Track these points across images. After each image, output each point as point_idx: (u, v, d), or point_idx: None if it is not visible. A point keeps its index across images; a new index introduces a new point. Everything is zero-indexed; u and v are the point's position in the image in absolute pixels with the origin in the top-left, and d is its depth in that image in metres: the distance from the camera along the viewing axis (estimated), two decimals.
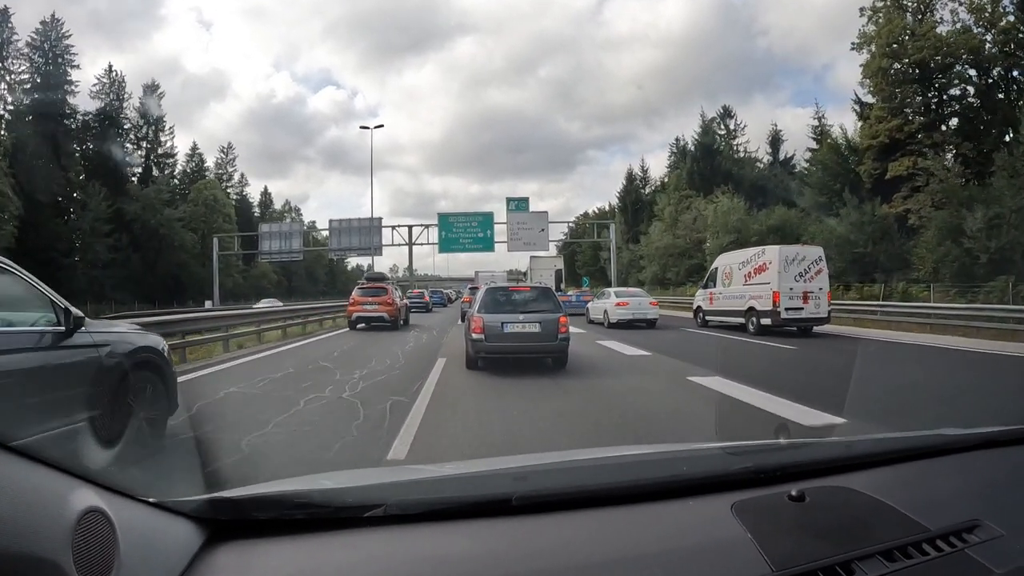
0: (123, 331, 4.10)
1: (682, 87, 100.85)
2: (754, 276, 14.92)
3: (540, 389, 6.83)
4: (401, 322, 17.67)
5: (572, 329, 8.75)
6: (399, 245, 37.69)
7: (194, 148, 60.73)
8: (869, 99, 32.44)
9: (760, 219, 34.56)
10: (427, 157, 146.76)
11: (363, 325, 16.59)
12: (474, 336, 8.08)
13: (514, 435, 4.79)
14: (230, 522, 0.98)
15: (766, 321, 14.08)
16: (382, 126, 36.23)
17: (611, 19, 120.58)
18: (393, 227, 38.09)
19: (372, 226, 37.46)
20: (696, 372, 7.98)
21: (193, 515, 0.96)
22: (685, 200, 42.12)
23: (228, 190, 63.71)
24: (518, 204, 36.77)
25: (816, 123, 42.86)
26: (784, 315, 13.78)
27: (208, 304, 41.03)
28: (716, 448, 1.48)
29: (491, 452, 3.97)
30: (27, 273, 3.24)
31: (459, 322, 17.39)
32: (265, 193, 74.97)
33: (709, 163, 44.43)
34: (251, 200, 68.97)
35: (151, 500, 0.93)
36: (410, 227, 37.89)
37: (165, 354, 4.33)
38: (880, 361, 9.70)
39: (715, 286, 16.93)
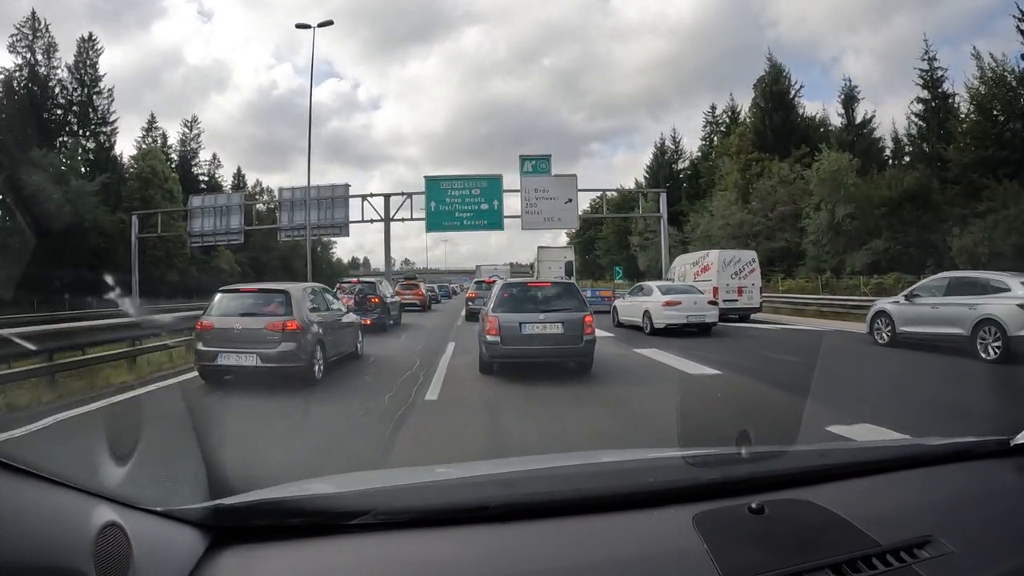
0: (396, 298, 17.38)
1: (688, 78, 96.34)
2: (701, 274, 17.46)
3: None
4: (429, 306, 26.26)
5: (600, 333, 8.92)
6: (374, 222, 27.52)
7: (151, 121, 50.84)
8: None
9: (888, 183, 24.08)
10: (429, 148, 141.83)
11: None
12: (489, 338, 7.43)
13: None
14: (232, 528, 1.04)
15: None
16: (331, 22, 24.49)
17: (620, 7, 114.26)
18: (364, 197, 27.69)
19: (335, 196, 27.16)
20: None
21: (197, 522, 1.02)
22: (755, 164, 31.67)
23: (194, 171, 54.33)
24: (536, 164, 26.28)
25: (925, 67, 32.57)
26: (722, 305, 15.59)
27: (126, 303, 31.03)
28: (683, 457, 1.48)
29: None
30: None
31: (463, 315, 18.71)
32: (238, 175, 64.91)
33: (784, 117, 33.95)
34: (223, 183, 59.74)
35: (158, 510, 0.98)
36: (387, 196, 27.54)
37: (396, 308, 16.25)
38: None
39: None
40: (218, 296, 7.72)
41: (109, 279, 34.18)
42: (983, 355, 8.84)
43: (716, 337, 12.98)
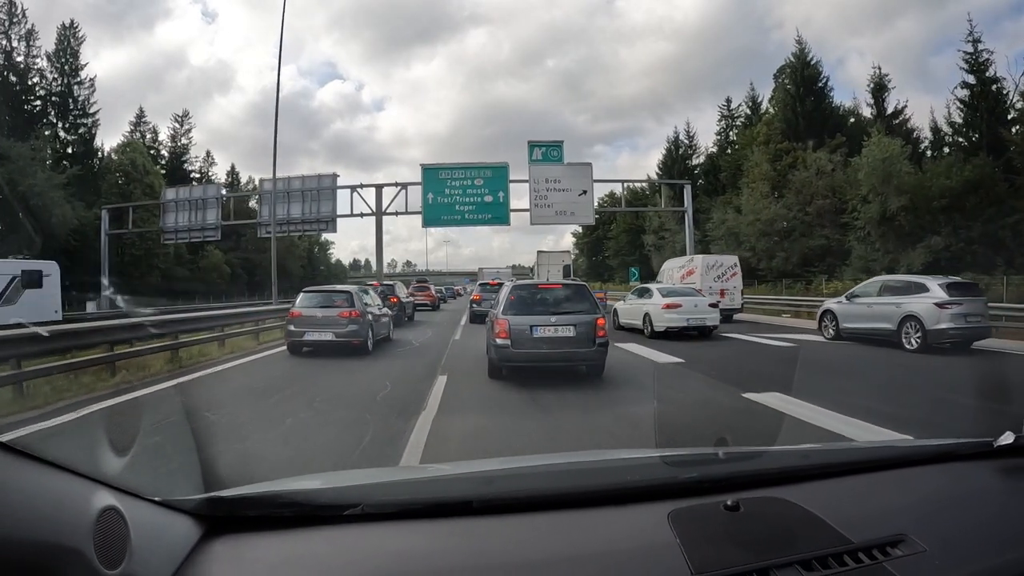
0: (410, 299, 20.57)
1: (691, 81, 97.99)
2: (686, 278, 18.43)
3: None
4: (438, 306, 27.81)
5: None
6: (364, 216, 24.73)
7: (140, 115, 48.32)
8: None
9: (947, 172, 21.21)
10: (432, 150, 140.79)
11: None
12: (498, 342, 7.18)
13: None
14: (225, 518, 1.08)
15: None
16: None
17: (625, 10, 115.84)
18: (353, 188, 24.94)
19: (322, 188, 24.41)
20: None
21: (193, 512, 1.06)
22: (786, 155, 28.83)
23: (186, 167, 51.85)
24: (547, 151, 23.49)
25: (970, 49, 29.72)
26: None
27: (91, 307, 28.32)
28: (661, 457, 1.49)
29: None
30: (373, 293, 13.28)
31: (465, 320, 18.61)
32: (232, 172, 62.44)
33: (816, 103, 31.11)
34: (217, 181, 57.25)
35: (157, 499, 1.02)
36: (379, 188, 24.78)
37: (411, 307, 19.58)
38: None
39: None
40: (301, 294, 10.97)
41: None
42: (906, 346, 10.18)
43: (752, 347, 11.64)
